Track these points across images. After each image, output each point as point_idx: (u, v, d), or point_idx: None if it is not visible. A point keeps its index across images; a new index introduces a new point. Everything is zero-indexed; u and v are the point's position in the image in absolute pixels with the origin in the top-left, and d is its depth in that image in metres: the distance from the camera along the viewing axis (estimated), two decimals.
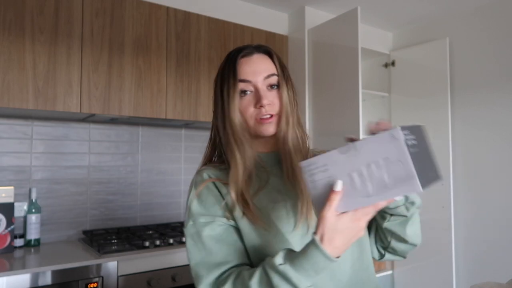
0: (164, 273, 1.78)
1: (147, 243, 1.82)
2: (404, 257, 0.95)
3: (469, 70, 2.60)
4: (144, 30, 2.02)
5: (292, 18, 2.69)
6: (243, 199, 0.82)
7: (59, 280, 1.56)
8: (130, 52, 1.97)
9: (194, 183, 0.88)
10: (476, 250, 2.52)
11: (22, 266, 1.57)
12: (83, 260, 1.63)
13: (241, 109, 0.85)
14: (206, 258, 0.79)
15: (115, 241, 1.88)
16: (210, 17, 2.25)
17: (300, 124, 0.90)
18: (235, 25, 2.34)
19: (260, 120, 0.85)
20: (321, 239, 0.66)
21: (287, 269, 0.68)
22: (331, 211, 0.66)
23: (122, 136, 2.28)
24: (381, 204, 0.66)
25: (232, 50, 0.92)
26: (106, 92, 1.90)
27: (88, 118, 2.06)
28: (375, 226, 0.92)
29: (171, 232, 2.10)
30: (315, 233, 0.68)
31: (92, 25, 1.88)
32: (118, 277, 1.68)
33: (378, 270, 2.72)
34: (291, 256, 0.70)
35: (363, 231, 0.68)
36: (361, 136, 2.20)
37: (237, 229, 0.83)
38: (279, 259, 0.70)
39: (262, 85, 0.85)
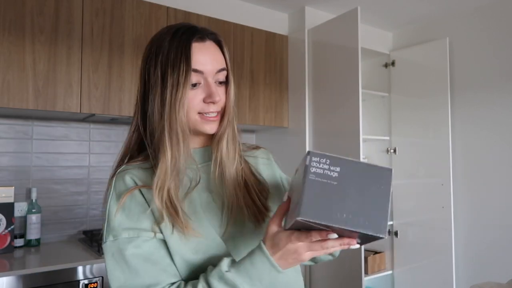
0: None
1: None
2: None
3: (469, 70, 2.60)
4: (144, 30, 2.02)
5: (292, 18, 2.69)
6: (171, 205, 0.72)
7: (59, 280, 1.56)
8: (130, 52, 1.97)
9: (114, 188, 0.75)
10: (476, 250, 2.52)
11: (22, 266, 1.57)
12: (83, 260, 1.63)
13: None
14: (131, 280, 0.69)
15: None
16: (210, 17, 2.25)
17: (235, 119, 0.83)
18: (235, 25, 2.34)
19: (205, 117, 0.76)
20: (267, 246, 0.66)
21: (234, 276, 0.65)
22: (274, 222, 0.66)
23: (122, 136, 2.28)
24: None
25: (176, 25, 0.78)
26: (106, 92, 1.90)
27: (88, 118, 2.06)
28: None
29: None
30: (263, 239, 0.67)
31: (92, 25, 1.88)
32: None
33: (378, 270, 2.72)
34: (236, 263, 0.67)
35: (301, 261, 0.65)
36: (361, 136, 2.20)
37: (165, 242, 0.72)
38: (224, 267, 0.66)
39: (212, 79, 0.76)
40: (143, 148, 0.80)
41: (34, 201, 1.94)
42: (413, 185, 2.78)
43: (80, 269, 1.61)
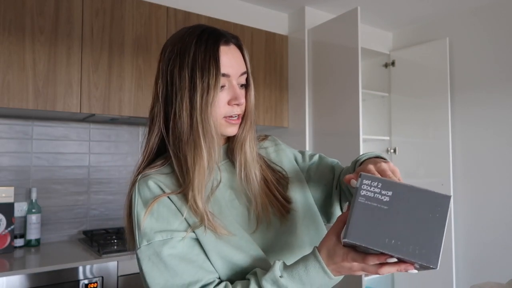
0: None
1: None
2: None
3: (469, 70, 2.60)
4: (144, 30, 2.02)
5: (292, 18, 2.69)
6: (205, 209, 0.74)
7: (59, 280, 1.56)
8: (130, 52, 1.97)
9: (139, 194, 0.75)
10: (476, 250, 2.52)
11: (22, 266, 1.57)
12: (83, 260, 1.63)
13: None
14: (171, 280, 0.70)
15: (115, 241, 1.88)
16: (210, 17, 2.25)
17: (254, 124, 0.85)
18: (235, 25, 2.34)
19: (229, 120, 0.77)
20: (322, 255, 0.67)
21: (288, 282, 0.66)
22: (333, 232, 0.66)
23: (122, 136, 2.28)
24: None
25: (198, 27, 0.78)
26: (106, 92, 1.90)
27: (88, 118, 2.06)
28: (338, 195, 0.91)
29: None
30: (318, 246, 0.68)
31: (92, 25, 1.88)
32: (118, 277, 1.68)
33: None
34: (289, 268, 0.69)
35: (355, 274, 0.66)
36: (361, 136, 2.20)
37: (197, 240, 0.74)
38: (277, 271, 0.67)
39: (235, 82, 0.77)
40: (159, 152, 0.80)
41: (34, 201, 1.94)
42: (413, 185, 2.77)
43: (80, 269, 1.61)
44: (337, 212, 0.92)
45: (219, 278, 0.74)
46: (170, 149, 0.76)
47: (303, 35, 2.54)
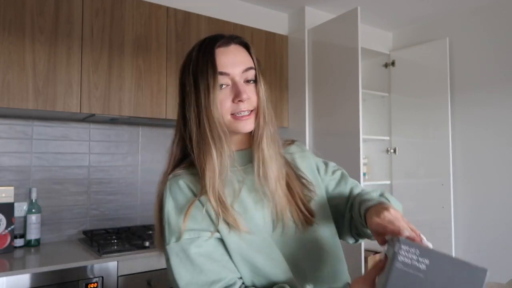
0: (164, 273, 1.78)
1: (147, 243, 1.82)
2: None
3: (469, 70, 2.60)
4: (144, 30, 2.02)
5: (292, 18, 2.69)
6: (221, 203, 0.77)
7: (59, 280, 1.56)
8: (130, 52, 1.97)
9: (170, 192, 0.80)
10: (476, 250, 2.52)
11: (22, 266, 1.57)
12: (83, 260, 1.63)
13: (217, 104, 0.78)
14: (197, 277, 0.74)
15: (115, 241, 1.88)
16: (210, 17, 2.25)
17: (274, 120, 0.86)
18: (235, 25, 2.34)
19: (238, 117, 0.79)
20: None
21: None
22: (366, 283, 0.68)
23: (122, 136, 2.28)
24: None
25: (203, 38, 0.84)
26: (106, 92, 1.90)
27: (88, 118, 2.06)
28: (349, 218, 0.92)
29: None
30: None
31: (92, 25, 1.88)
32: (118, 277, 1.68)
33: None
34: None
35: None
36: (361, 136, 2.20)
37: (222, 241, 0.78)
38: None
39: (239, 79, 0.79)
40: (185, 155, 0.85)
41: (34, 201, 1.94)
42: (413, 185, 2.78)
43: (80, 269, 1.61)
44: (346, 231, 0.94)
45: (241, 278, 0.78)
46: (190, 150, 0.81)
47: (303, 35, 2.54)
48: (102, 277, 1.65)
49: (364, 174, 2.59)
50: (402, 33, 3.04)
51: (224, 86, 0.79)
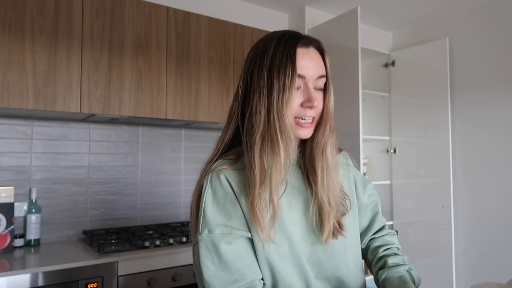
0: (164, 273, 1.78)
1: (147, 243, 1.82)
2: None
3: (469, 70, 2.60)
4: (144, 30, 2.02)
5: (292, 18, 2.69)
6: (272, 204, 0.76)
7: (59, 280, 1.56)
8: (130, 52, 1.97)
9: (210, 184, 0.79)
10: (476, 250, 2.52)
11: (22, 266, 1.57)
12: (83, 260, 1.63)
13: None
14: (221, 271, 0.76)
15: (115, 241, 1.88)
16: (210, 17, 2.25)
17: (335, 129, 0.85)
18: (235, 25, 2.34)
19: (300, 123, 0.79)
20: None
21: None
22: None
23: (122, 136, 2.28)
24: None
25: (282, 31, 0.81)
26: (106, 92, 1.90)
27: (88, 118, 2.06)
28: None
29: (171, 232, 2.10)
30: None
31: (92, 25, 1.88)
32: (118, 277, 1.68)
33: None
34: None
35: None
36: (361, 136, 2.20)
37: (251, 241, 0.79)
38: None
39: (311, 84, 0.79)
40: (231, 145, 0.84)
41: (34, 201, 1.94)
42: (413, 185, 2.78)
43: (80, 269, 1.61)
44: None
45: (262, 279, 0.79)
46: (244, 146, 0.79)
47: None
48: (102, 277, 1.65)
49: (364, 174, 2.59)
50: (402, 33, 3.04)
51: (298, 88, 0.78)
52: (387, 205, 2.94)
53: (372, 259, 0.93)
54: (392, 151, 2.92)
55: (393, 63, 2.94)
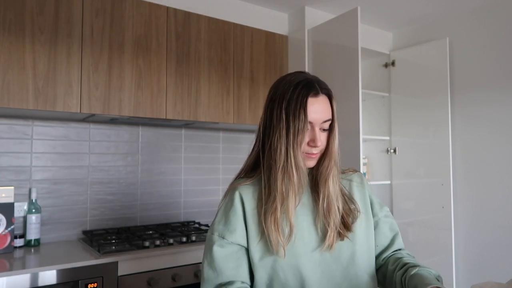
0: (164, 273, 1.78)
1: (147, 243, 1.82)
2: None
3: (469, 70, 2.60)
4: (144, 30, 2.02)
5: (292, 18, 2.69)
6: (288, 222, 0.91)
7: (59, 280, 1.56)
8: (130, 52, 1.97)
9: (229, 196, 0.97)
10: (476, 250, 2.52)
11: (22, 266, 1.57)
12: (83, 260, 1.63)
13: None
14: (212, 270, 0.91)
15: (115, 241, 1.88)
16: (210, 17, 2.25)
17: (339, 161, 0.98)
18: (235, 25, 2.34)
19: (307, 155, 0.94)
20: None
21: None
22: None
23: (122, 136, 2.28)
24: None
25: (298, 77, 0.95)
26: (106, 92, 1.90)
27: (88, 118, 2.06)
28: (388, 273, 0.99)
29: (171, 232, 2.10)
30: None
31: (92, 25, 1.88)
32: (118, 277, 1.68)
33: None
34: None
35: None
36: (361, 136, 2.20)
37: (246, 250, 0.93)
38: None
39: (317, 127, 0.93)
40: (255, 166, 1.01)
41: (34, 201, 1.94)
42: (413, 185, 2.78)
43: (80, 269, 1.61)
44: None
45: (248, 284, 0.92)
46: (262, 169, 0.95)
47: (303, 35, 2.54)
48: (102, 277, 1.65)
49: (364, 174, 2.59)
50: (402, 33, 3.04)
51: (306, 129, 0.92)
52: (387, 205, 2.94)
53: (395, 268, 0.97)
54: (392, 151, 2.92)
55: (393, 63, 2.94)
